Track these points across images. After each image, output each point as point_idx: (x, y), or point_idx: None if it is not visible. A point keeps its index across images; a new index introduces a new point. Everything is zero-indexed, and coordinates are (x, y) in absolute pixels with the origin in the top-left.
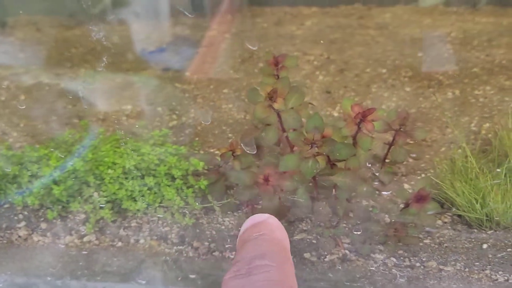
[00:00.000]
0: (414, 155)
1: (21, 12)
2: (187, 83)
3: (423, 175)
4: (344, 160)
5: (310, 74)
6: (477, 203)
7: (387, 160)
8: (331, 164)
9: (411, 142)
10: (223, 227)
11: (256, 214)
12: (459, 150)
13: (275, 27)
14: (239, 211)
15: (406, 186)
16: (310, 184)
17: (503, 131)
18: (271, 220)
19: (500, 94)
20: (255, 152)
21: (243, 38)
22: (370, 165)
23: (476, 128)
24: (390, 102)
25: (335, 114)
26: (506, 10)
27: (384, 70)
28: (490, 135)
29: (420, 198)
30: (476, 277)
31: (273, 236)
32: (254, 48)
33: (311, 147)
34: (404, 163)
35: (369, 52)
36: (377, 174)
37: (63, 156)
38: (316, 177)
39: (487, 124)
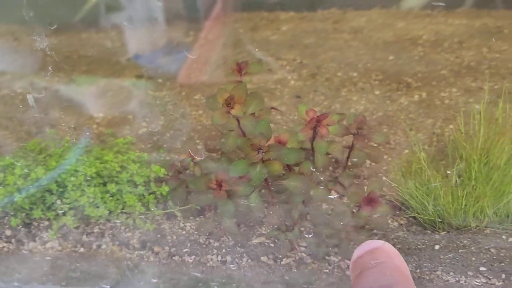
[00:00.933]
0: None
1: None
2: (159, 90)
3: (384, 178)
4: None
5: (282, 79)
6: (429, 204)
7: (349, 163)
8: (290, 168)
9: (375, 145)
10: (184, 232)
11: (371, 240)
12: (421, 153)
13: (251, 33)
14: (201, 216)
15: (367, 188)
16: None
17: (456, 134)
18: (387, 247)
19: (466, 96)
20: (203, 158)
21: (218, 45)
22: (332, 168)
23: (439, 130)
24: (358, 105)
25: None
26: (480, 11)
27: (355, 74)
28: (452, 137)
29: (371, 201)
30: (427, 278)
31: (394, 263)
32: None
33: (258, 152)
34: (367, 166)
35: (341, 56)
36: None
37: (28, 165)
38: (269, 182)
39: (450, 126)
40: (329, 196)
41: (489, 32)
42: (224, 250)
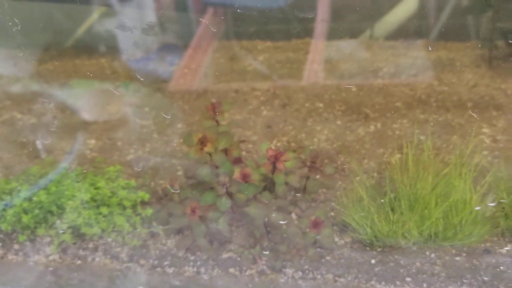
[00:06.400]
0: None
1: None
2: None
3: (337, 201)
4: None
5: (255, 109)
6: (367, 227)
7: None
8: (254, 197)
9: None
10: (165, 247)
11: None
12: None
13: (230, 63)
14: (180, 234)
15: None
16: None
17: (395, 165)
18: None
19: (414, 127)
20: (179, 191)
21: (201, 74)
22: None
23: (388, 159)
24: (321, 135)
25: (272, 147)
26: (437, 44)
27: (321, 105)
28: (390, 169)
29: (316, 224)
30: (364, 286)
31: None
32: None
33: (223, 187)
34: (324, 191)
35: (311, 87)
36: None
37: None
38: (234, 209)
39: (398, 155)
40: (280, 222)
41: (442, 65)
42: (199, 263)
